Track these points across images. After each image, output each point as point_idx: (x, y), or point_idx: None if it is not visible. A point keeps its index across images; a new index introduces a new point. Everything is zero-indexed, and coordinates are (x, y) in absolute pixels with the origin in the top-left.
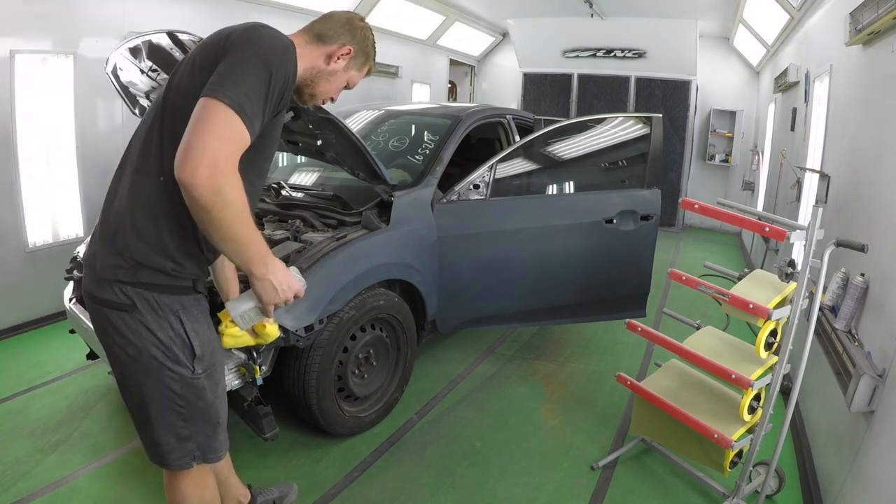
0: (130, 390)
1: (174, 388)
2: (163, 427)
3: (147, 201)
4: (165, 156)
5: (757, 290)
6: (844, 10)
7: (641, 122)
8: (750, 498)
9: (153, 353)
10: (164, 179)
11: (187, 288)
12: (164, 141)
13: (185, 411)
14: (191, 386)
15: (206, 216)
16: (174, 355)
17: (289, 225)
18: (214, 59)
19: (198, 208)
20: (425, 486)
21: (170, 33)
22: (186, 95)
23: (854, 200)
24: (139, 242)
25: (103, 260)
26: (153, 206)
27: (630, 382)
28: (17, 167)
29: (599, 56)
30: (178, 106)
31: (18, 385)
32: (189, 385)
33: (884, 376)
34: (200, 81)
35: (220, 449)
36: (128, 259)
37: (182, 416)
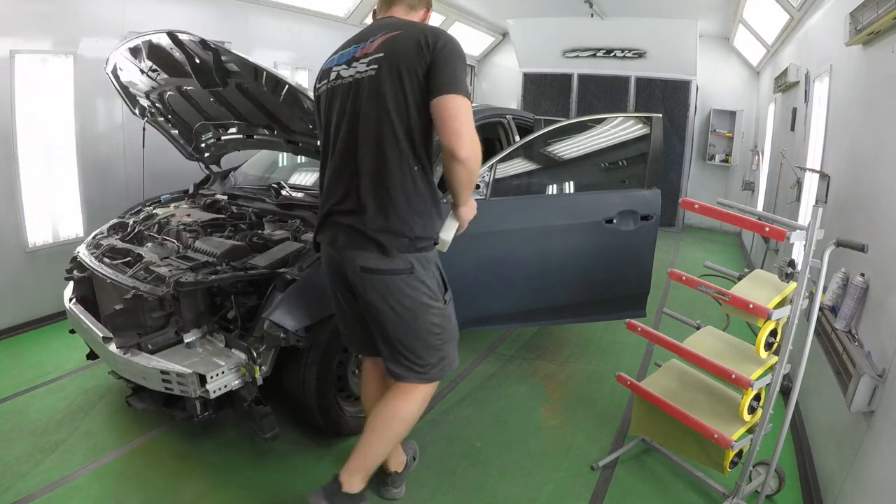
0: (398, 336)
1: (435, 321)
2: (428, 354)
3: (413, 190)
4: (418, 151)
5: (757, 290)
6: (844, 10)
7: (641, 122)
8: (750, 498)
9: (424, 300)
10: (419, 168)
11: (434, 241)
12: (400, 140)
13: (442, 336)
14: (445, 315)
15: (470, 176)
16: (436, 296)
17: (289, 225)
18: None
19: (467, 172)
20: (425, 486)
21: (170, 33)
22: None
23: (854, 200)
24: (418, 220)
25: (388, 242)
26: (418, 193)
27: (630, 382)
28: (17, 167)
29: (599, 56)
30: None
31: (18, 385)
32: (444, 314)
33: (884, 376)
34: (410, 87)
35: (456, 359)
36: (410, 237)
37: (441, 339)
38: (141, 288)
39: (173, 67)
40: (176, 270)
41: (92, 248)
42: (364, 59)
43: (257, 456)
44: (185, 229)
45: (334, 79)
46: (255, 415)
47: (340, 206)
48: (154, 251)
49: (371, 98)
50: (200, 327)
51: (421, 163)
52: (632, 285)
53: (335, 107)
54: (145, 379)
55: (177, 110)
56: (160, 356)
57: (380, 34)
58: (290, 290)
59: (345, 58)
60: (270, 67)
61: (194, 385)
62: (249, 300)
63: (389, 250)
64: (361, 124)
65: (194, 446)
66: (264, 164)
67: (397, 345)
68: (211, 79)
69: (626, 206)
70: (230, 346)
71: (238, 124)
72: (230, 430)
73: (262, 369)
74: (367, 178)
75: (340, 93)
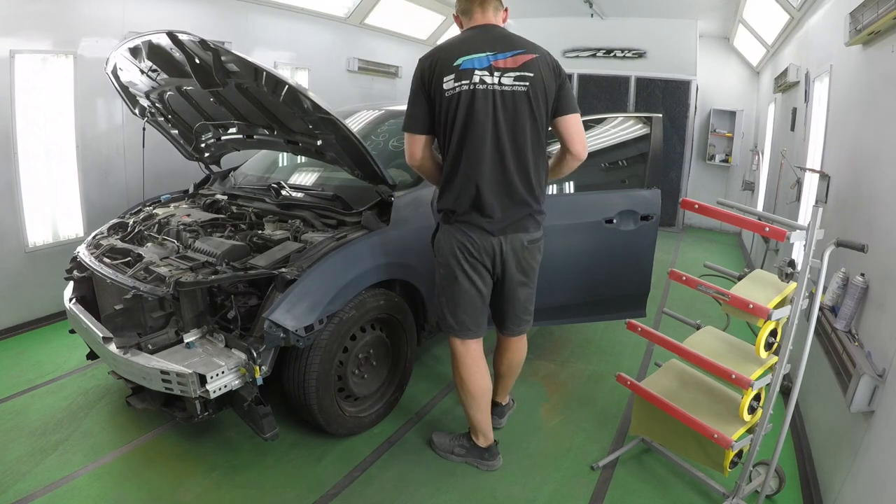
0: (524, 290)
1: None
2: (532, 305)
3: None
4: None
5: (757, 290)
6: (844, 10)
7: (641, 122)
8: (750, 498)
9: (539, 259)
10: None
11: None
12: (537, 142)
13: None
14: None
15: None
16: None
17: (289, 225)
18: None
19: (576, 165)
20: (425, 486)
21: (170, 33)
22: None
23: (854, 200)
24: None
25: (525, 222)
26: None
27: (630, 382)
28: (17, 167)
29: (599, 56)
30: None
31: (18, 385)
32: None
33: (884, 376)
34: (544, 100)
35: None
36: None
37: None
38: (141, 288)
39: (173, 67)
40: (176, 270)
41: (92, 248)
42: (510, 73)
43: (257, 456)
44: (185, 229)
45: (478, 82)
46: (255, 415)
47: (502, 200)
48: (154, 251)
49: (521, 110)
50: (200, 327)
51: (544, 160)
52: (632, 285)
53: (478, 109)
54: (145, 379)
55: (177, 110)
56: (160, 356)
57: (516, 51)
58: (290, 290)
59: (483, 63)
60: (270, 67)
61: (194, 385)
62: (249, 300)
63: (540, 225)
64: (510, 129)
65: (194, 446)
66: (264, 164)
67: (525, 304)
68: (211, 79)
69: (626, 206)
70: (230, 346)
71: (238, 124)
72: (230, 430)
73: (262, 369)
74: (519, 174)
75: (482, 96)
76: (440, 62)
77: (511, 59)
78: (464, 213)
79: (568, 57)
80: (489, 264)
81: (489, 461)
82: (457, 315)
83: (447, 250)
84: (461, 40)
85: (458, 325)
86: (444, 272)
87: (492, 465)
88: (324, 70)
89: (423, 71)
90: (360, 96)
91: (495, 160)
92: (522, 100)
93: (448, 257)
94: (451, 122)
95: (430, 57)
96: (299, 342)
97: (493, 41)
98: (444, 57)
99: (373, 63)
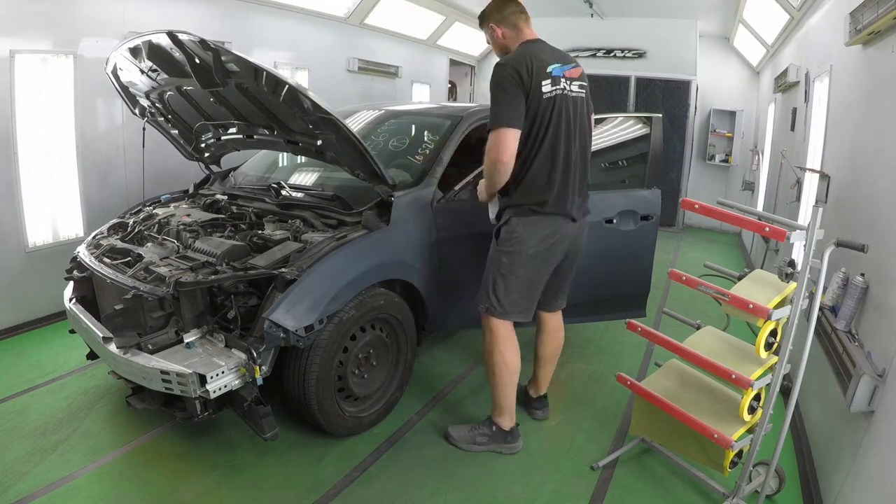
0: (574, 268)
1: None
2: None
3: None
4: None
5: (757, 290)
6: (844, 10)
7: (641, 122)
8: (750, 498)
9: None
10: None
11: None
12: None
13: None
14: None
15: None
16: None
17: (289, 225)
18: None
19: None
20: (425, 486)
21: (170, 33)
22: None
23: (854, 200)
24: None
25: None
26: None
27: (630, 382)
28: (17, 167)
29: (599, 56)
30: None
31: (18, 385)
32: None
33: (884, 376)
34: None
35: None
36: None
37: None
38: (141, 288)
39: (173, 67)
40: (176, 270)
41: (92, 248)
42: (575, 82)
43: (257, 456)
44: (185, 229)
45: (563, 88)
46: (255, 415)
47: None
48: (154, 251)
49: (582, 114)
50: (200, 327)
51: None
52: (632, 285)
53: (563, 111)
54: (145, 379)
55: (177, 110)
56: (160, 356)
57: (573, 65)
58: (290, 290)
59: (560, 73)
60: (270, 67)
61: (194, 385)
62: (249, 300)
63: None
64: (581, 128)
65: (194, 446)
66: (264, 164)
67: (569, 281)
68: (211, 79)
69: (626, 206)
70: (230, 346)
71: (238, 124)
72: (230, 430)
73: (262, 369)
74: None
75: (564, 101)
76: (537, 67)
77: (573, 71)
78: (552, 205)
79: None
80: (566, 249)
81: (512, 443)
82: (511, 297)
83: (529, 240)
84: (538, 50)
85: (511, 307)
86: (513, 259)
87: (514, 447)
88: (324, 70)
89: (522, 73)
90: (360, 96)
91: (574, 154)
92: (584, 104)
93: (528, 250)
94: (546, 122)
95: (524, 61)
96: (299, 342)
97: (556, 54)
98: (539, 63)
99: (373, 63)
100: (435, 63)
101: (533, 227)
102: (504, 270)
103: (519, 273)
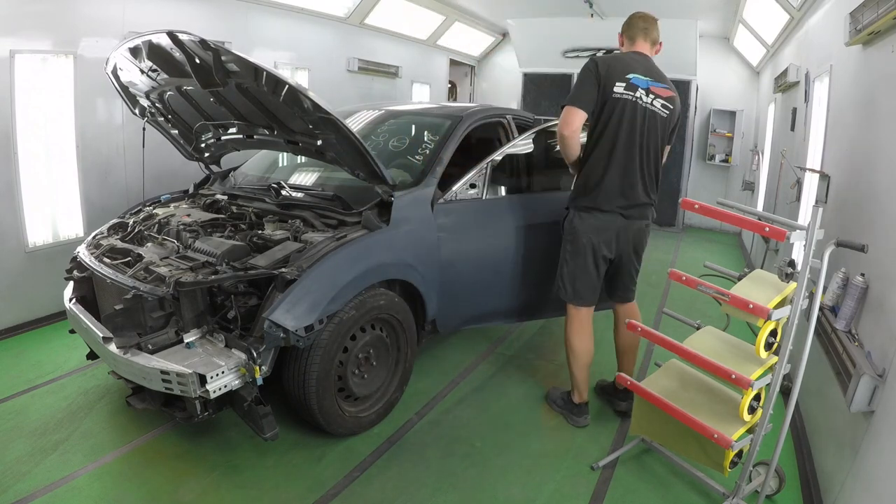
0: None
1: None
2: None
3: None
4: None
5: (757, 290)
6: (844, 10)
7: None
8: (750, 498)
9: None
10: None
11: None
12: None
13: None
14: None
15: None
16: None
17: (289, 225)
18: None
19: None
20: (425, 486)
21: (170, 33)
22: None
23: (854, 200)
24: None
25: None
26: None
27: (630, 382)
28: (17, 167)
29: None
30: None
31: (18, 385)
32: None
33: (884, 376)
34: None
35: None
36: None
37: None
38: (141, 288)
39: (173, 67)
40: (176, 270)
41: (92, 248)
42: (660, 100)
43: (257, 456)
44: (185, 229)
45: (639, 97)
46: (255, 415)
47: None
48: (154, 251)
49: (659, 129)
50: (200, 327)
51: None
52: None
53: (629, 116)
54: (145, 379)
55: (177, 110)
56: (160, 356)
57: (666, 85)
58: (290, 290)
59: (644, 85)
60: (270, 67)
61: (194, 385)
62: (249, 300)
63: (651, 216)
64: (650, 139)
65: (194, 446)
66: (264, 164)
67: (634, 276)
68: (211, 79)
69: None
70: (230, 346)
71: (238, 124)
72: (230, 430)
73: (262, 369)
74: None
75: (636, 110)
76: (615, 69)
77: (663, 90)
78: (602, 202)
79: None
80: (615, 245)
81: (577, 417)
82: (575, 285)
83: (582, 233)
84: (631, 59)
85: (574, 294)
86: (572, 249)
87: (578, 421)
88: (324, 70)
89: (600, 68)
90: (360, 96)
91: (635, 160)
92: (662, 121)
93: (581, 239)
94: (608, 120)
95: (607, 61)
96: (299, 342)
97: (652, 70)
98: (620, 67)
99: (373, 63)
100: (435, 63)
101: (584, 221)
102: (567, 257)
103: (576, 262)
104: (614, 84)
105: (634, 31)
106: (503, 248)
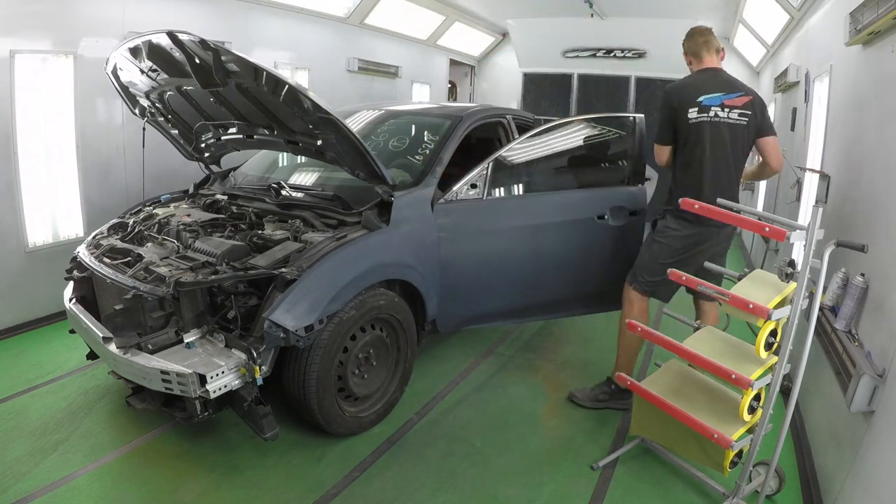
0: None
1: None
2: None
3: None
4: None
5: (757, 290)
6: (844, 10)
7: (624, 122)
8: (750, 498)
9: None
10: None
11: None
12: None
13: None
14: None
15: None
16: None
17: (289, 225)
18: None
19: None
20: (425, 486)
21: (170, 33)
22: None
23: (854, 200)
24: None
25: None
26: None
27: (630, 382)
28: (17, 167)
29: (599, 56)
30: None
31: (18, 385)
32: None
33: (884, 376)
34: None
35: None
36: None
37: None
38: (141, 288)
39: (173, 67)
40: (176, 270)
41: (92, 248)
42: (737, 110)
43: (257, 456)
44: (185, 229)
45: (714, 115)
46: (255, 415)
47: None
48: (154, 251)
49: (741, 136)
50: (200, 327)
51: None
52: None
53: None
54: (145, 379)
55: (177, 110)
56: (160, 356)
57: (740, 93)
58: (290, 290)
59: (717, 101)
60: (270, 67)
61: (194, 385)
62: (249, 300)
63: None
64: (733, 149)
65: (194, 446)
66: (264, 164)
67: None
68: (211, 79)
69: (616, 203)
70: (230, 346)
71: (238, 124)
72: (230, 430)
73: (262, 369)
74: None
75: (717, 126)
76: (686, 94)
77: (738, 100)
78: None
79: (568, 57)
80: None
81: (628, 399)
82: (655, 277)
83: (676, 237)
84: (702, 81)
85: (646, 284)
86: (661, 249)
87: (629, 402)
88: (324, 70)
89: (672, 99)
90: (360, 96)
91: (721, 171)
92: (743, 130)
93: (674, 242)
94: (693, 142)
95: (678, 89)
96: (299, 342)
97: (723, 84)
98: (691, 92)
99: (373, 63)
100: (435, 63)
101: (682, 229)
102: (653, 252)
103: (661, 259)
104: (687, 112)
105: (697, 48)
106: (503, 248)
